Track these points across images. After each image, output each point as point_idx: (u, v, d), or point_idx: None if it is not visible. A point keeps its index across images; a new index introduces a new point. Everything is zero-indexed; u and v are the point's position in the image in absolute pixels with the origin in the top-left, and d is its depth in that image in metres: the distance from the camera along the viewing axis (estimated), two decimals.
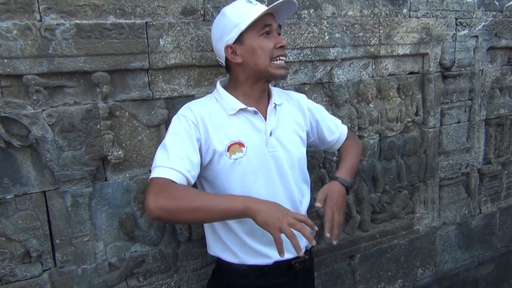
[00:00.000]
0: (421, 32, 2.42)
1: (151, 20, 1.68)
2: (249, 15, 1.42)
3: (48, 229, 1.65)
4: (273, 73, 1.49)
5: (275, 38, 1.47)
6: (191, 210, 1.27)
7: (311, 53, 2.08)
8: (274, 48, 1.46)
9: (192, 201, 1.27)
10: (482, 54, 2.75)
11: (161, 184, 1.31)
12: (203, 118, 1.46)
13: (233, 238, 1.51)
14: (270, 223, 1.23)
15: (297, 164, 1.61)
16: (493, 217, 3.16)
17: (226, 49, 1.48)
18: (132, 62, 1.65)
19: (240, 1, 1.49)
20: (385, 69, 2.40)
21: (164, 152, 1.38)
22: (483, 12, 2.69)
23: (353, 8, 2.20)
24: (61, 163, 1.59)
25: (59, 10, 1.51)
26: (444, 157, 2.75)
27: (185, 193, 1.30)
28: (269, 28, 1.46)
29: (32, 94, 1.51)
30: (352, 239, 2.44)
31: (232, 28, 1.44)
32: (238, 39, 1.45)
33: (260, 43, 1.45)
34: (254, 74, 1.49)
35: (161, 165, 1.35)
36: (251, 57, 1.46)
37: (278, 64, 1.48)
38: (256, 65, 1.46)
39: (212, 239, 1.58)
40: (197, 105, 1.51)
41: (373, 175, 2.46)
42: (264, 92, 1.57)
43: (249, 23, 1.41)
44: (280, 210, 1.27)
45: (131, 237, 1.79)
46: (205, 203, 1.28)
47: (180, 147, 1.39)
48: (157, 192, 1.29)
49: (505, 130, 3.04)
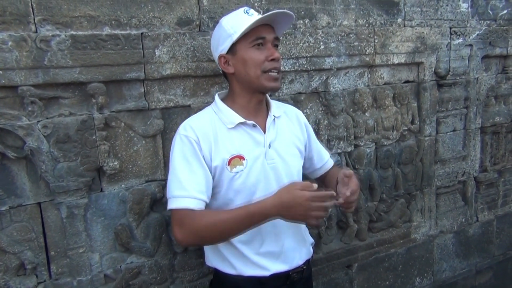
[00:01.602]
0: (416, 41, 2.44)
1: (146, 31, 1.68)
2: (242, 25, 1.41)
3: (43, 241, 1.63)
4: (264, 85, 1.47)
5: (268, 50, 1.45)
6: (216, 236, 1.38)
7: (307, 63, 2.08)
8: (266, 61, 1.44)
9: (215, 228, 1.34)
10: (476, 63, 2.77)
11: (182, 215, 1.37)
12: (203, 133, 1.45)
13: (231, 248, 1.50)
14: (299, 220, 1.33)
15: (296, 176, 1.60)
16: (490, 225, 3.15)
17: (219, 59, 1.49)
18: (127, 72, 1.65)
19: (237, 12, 1.49)
20: (380, 78, 2.41)
21: (176, 182, 1.41)
22: (477, 21, 2.71)
23: (348, 18, 2.21)
24: (56, 174, 1.58)
25: (54, 22, 1.52)
26: (441, 165, 2.75)
27: (206, 221, 1.36)
28: (262, 40, 1.44)
29: (27, 105, 1.51)
30: (349, 248, 2.43)
31: (225, 38, 1.45)
32: (231, 49, 1.45)
33: (251, 55, 1.44)
34: (247, 85, 1.49)
35: (177, 195, 1.39)
36: (243, 68, 1.45)
37: (270, 76, 1.46)
38: (247, 76, 1.46)
39: (209, 249, 1.58)
40: (196, 121, 1.50)
41: (370, 183, 2.46)
42: (261, 104, 1.57)
43: (240, 33, 1.41)
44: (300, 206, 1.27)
45: (127, 248, 1.78)
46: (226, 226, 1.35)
47: (190, 171, 1.41)
48: (181, 224, 1.37)
49: (501, 138, 3.05)
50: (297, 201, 1.26)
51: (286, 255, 1.55)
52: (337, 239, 2.43)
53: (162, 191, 1.80)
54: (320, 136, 2.21)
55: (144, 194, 1.76)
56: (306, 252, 1.65)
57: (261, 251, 1.50)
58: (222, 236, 1.38)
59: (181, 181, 1.38)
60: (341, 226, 2.44)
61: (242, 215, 1.33)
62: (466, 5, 2.64)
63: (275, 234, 1.52)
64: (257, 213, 1.31)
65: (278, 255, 1.53)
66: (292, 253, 1.58)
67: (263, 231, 1.49)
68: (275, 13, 1.44)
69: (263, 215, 1.32)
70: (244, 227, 1.35)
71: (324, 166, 1.83)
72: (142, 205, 1.76)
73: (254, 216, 1.32)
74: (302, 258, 1.63)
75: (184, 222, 1.36)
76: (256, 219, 1.33)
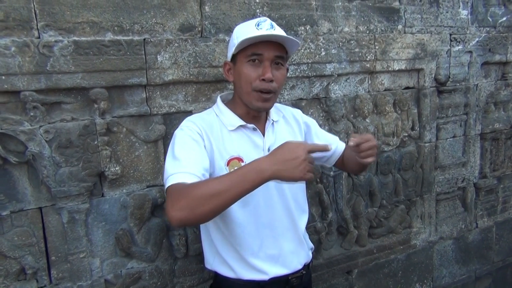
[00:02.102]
0: (416, 48, 2.45)
1: (149, 36, 1.69)
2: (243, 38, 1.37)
3: (44, 245, 1.64)
4: (252, 103, 1.44)
5: (263, 69, 1.40)
6: (208, 200, 1.19)
7: (308, 69, 2.09)
8: (257, 79, 1.40)
9: (206, 190, 1.20)
10: (476, 69, 2.78)
11: (176, 189, 1.25)
12: (205, 130, 1.44)
13: (230, 251, 1.50)
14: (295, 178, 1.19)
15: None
16: (489, 231, 3.16)
17: (224, 65, 1.50)
18: (130, 78, 1.66)
19: (250, 22, 1.45)
20: (381, 84, 2.41)
21: (175, 161, 1.32)
22: (476, 28, 2.73)
23: (349, 25, 2.22)
24: (58, 179, 1.58)
25: (57, 27, 1.53)
26: (440, 171, 2.76)
27: (197, 186, 1.23)
28: (257, 56, 1.40)
29: (30, 110, 1.51)
30: (349, 254, 2.43)
31: (231, 47, 1.44)
32: (233, 59, 1.46)
33: (244, 69, 1.41)
34: (240, 96, 1.48)
35: (174, 172, 1.29)
36: (237, 80, 1.45)
37: (260, 95, 1.42)
38: (240, 88, 1.46)
39: (209, 252, 1.57)
40: (198, 118, 1.49)
41: (370, 189, 2.46)
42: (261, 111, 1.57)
43: (236, 46, 1.39)
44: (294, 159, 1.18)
45: (128, 253, 1.78)
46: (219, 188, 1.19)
47: (190, 152, 1.35)
48: (174, 198, 1.22)
49: (500, 144, 3.06)
50: (292, 151, 1.19)
51: (284, 258, 1.55)
52: (337, 245, 2.43)
53: (163, 196, 1.80)
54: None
55: (145, 199, 1.76)
56: (304, 256, 1.65)
57: (259, 254, 1.50)
58: (215, 202, 1.19)
59: (180, 160, 1.31)
60: (341, 232, 2.44)
61: (236, 175, 1.22)
62: (466, 12, 2.65)
63: (273, 237, 1.52)
64: (252, 170, 1.20)
65: (277, 258, 1.53)
66: (291, 256, 1.58)
67: (261, 234, 1.49)
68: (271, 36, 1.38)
69: (258, 172, 1.19)
70: (239, 188, 1.19)
71: (336, 152, 1.77)
72: (143, 210, 1.76)
73: (248, 174, 1.20)
74: (301, 262, 1.62)
75: (177, 196, 1.21)
76: (250, 178, 1.19)
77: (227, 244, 1.50)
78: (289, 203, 1.56)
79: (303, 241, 1.65)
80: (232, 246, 1.49)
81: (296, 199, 1.61)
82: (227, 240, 1.49)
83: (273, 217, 1.51)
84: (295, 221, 1.59)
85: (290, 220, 1.57)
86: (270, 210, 1.49)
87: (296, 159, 1.17)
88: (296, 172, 1.18)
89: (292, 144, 1.21)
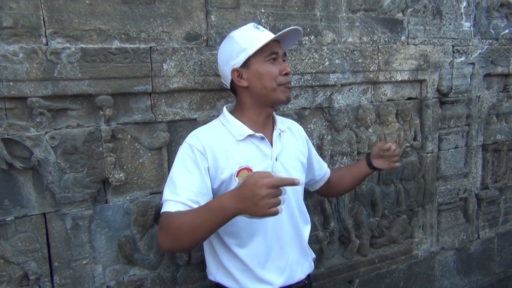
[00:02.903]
0: (419, 59, 2.47)
1: (155, 45, 1.71)
2: (257, 40, 1.45)
3: (47, 251, 1.64)
4: (280, 97, 1.51)
5: (280, 65, 1.50)
6: (184, 236, 1.30)
7: (312, 79, 2.11)
8: (279, 75, 1.49)
9: (181, 227, 1.29)
10: (478, 81, 2.79)
11: (163, 218, 1.36)
12: (211, 145, 1.45)
13: (236, 262, 1.50)
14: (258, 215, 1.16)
15: (300, 189, 1.62)
16: (491, 243, 3.15)
17: (232, 72, 1.50)
18: (135, 85, 1.67)
19: (247, 27, 1.53)
20: (384, 94, 2.43)
21: (171, 185, 1.40)
22: (479, 40, 2.75)
23: (352, 35, 2.24)
24: (63, 185, 1.59)
25: (65, 35, 1.54)
26: (442, 182, 2.76)
27: (176, 221, 1.31)
28: (275, 55, 1.49)
29: (36, 116, 1.53)
30: (351, 263, 2.42)
31: (239, 52, 1.47)
32: (245, 63, 1.47)
33: (266, 68, 1.47)
34: (260, 99, 1.51)
35: (167, 199, 1.38)
36: (258, 81, 1.48)
37: (284, 88, 1.51)
38: (263, 89, 1.48)
39: (212, 264, 1.57)
40: (204, 132, 1.51)
41: (372, 199, 2.47)
42: (269, 118, 1.59)
43: (257, 48, 1.44)
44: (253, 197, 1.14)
45: (130, 260, 1.78)
46: (191, 225, 1.27)
47: (187, 178, 1.40)
48: (161, 227, 1.36)
49: (502, 155, 3.07)
50: (250, 188, 1.15)
51: (290, 269, 1.55)
52: (339, 254, 2.43)
53: None
54: (323, 151, 2.22)
55: (149, 206, 1.77)
56: (308, 266, 1.66)
57: (266, 265, 1.50)
58: (189, 236, 1.28)
59: (176, 186, 1.38)
60: (343, 241, 2.44)
61: (203, 212, 1.27)
62: (468, 24, 2.68)
63: (280, 247, 1.52)
64: (217, 208, 1.23)
65: (284, 269, 1.53)
66: (296, 266, 1.58)
67: (269, 244, 1.49)
68: (290, 30, 1.49)
69: (222, 210, 1.21)
70: (208, 225, 1.25)
71: (324, 177, 1.89)
72: (146, 217, 1.77)
73: (214, 211, 1.23)
74: (305, 272, 1.63)
75: (163, 225, 1.35)
76: (217, 215, 1.23)
77: (232, 256, 1.50)
78: (295, 213, 1.57)
79: (307, 251, 1.66)
80: (238, 258, 1.49)
81: (300, 209, 1.62)
82: (233, 251, 1.49)
83: (280, 227, 1.52)
84: (300, 231, 1.59)
85: (295, 230, 1.58)
86: (277, 220, 1.49)
87: (255, 197, 1.13)
88: (257, 209, 1.14)
89: (252, 180, 1.16)
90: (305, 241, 1.65)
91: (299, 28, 1.53)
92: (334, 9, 2.16)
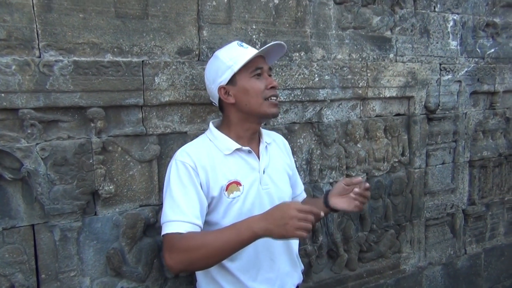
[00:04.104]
0: (407, 76, 2.52)
1: (147, 58, 1.73)
2: (241, 57, 1.48)
3: (34, 263, 1.63)
4: (266, 112, 1.53)
5: (266, 79, 1.53)
6: (205, 257, 1.31)
7: (302, 94, 2.14)
8: (265, 89, 1.51)
9: (203, 247, 1.29)
10: (465, 98, 2.85)
11: (173, 239, 1.34)
12: (201, 161, 1.47)
13: (227, 276, 1.50)
14: (286, 235, 1.24)
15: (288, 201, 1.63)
16: (478, 258, 3.18)
17: (219, 90, 1.53)
18: (127, 98, 1.69)
19: (232, 45, 1.56)
20: (372, 110, 2.47)
21: (173, 206, 1.39)
22: (465, 58, 2.81)
23: (342, 52, 2.28)
24: (52, 197, 1.59)
25: (58, 47, 1.56)
26: (430, 197, 2.80)
27: (194, 241, 1.32)
28: (260, 70, 1.52)
29: (27, 127, 1.53)
30: (339, 278, 2.43)
31: (225, 70, 1.50)
32: (231, 80, 1.50)
33: (252, 84, 1.50)
34: (247, 114, 1.53)
35: (172, 219, 1.37)
36: (244, 97, 1.50)
37: (271, 102, 1.53)
38: (248, 105, 1.51)
39: (203, 279, 1.56)
40: (193, 148, 1.52)
41: (361, 214, 2.49)
42: (256, 133, 1.62)
43: (241, 65, 1.47)
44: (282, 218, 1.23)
45: (118, 272, 1.77)
46: (215, 246, 1.29)
47: (188, 196, 1.41)
48: (171, 249, 1.33)
49: (489, 172, 3.11)
50: (282, 209, 1.24)
51: (281, 281, 1.56)
52: (327, 269, 2.44)
53: (155, 216, 1.81)
54: (313, 166, 2.25)
55: (138, 219, 1.77)
56: (297, 277, 1.67)
57: (258, 278, 1.51)
58: (211, 257, 1.31)
59: (180, 206, 1.38)
60: (331, 256, 2.45)
61: (229, 232, 1.30)
62: (455, 43, 2.74)
63: (271, 259, 1.54)
64: (244, 228, 1.28)
65: (274, 281, 1.54)
66: (286, 278, 1.59)
67: (260, 257, 1.51)
68: (272, 45, 1.53)
69: (250, 230, 1.27)
70: (233, 245, 1.29)
71: (300, 195, 1.86)
72: (135, 230, 1.77)
73: (241, 231, 1.28)
74: (294, 283, 1.64)
75: (173, 246, 1.33)
76: (243, 235, 1.27)
77: (223, 269, 1.50)
78: None
79: (297, 263, 1.67)
80: (230, 271, 1.50)
81: None
82: (224, 266, 1.49)
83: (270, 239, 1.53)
84: (289, 243, 1.60)
85: (285, 242, 1.59)
86: None
87: (285, 218, 1.22)
88: (286, 229, 1.22)
89: (283, 203, 1.28)
90: (295, 252, 1.66)
91: (282, 43, 1.57)
92: (324, 26, 2.21)
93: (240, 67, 1.47)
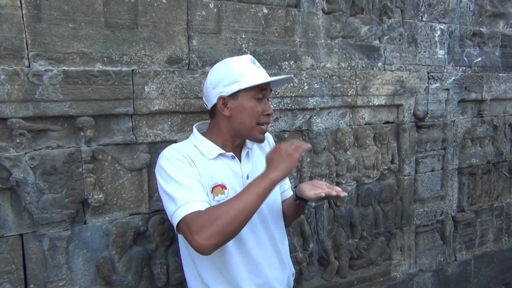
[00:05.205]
0: (395, 85, 2.55)
1: (137, 68, 1.74)
2: (251, 76, 1.47)
3: (23, 273, 1.62)
4: (255, 136, 1.54)
5: (265, 105, 1.52)
6: (236, 217, 1.28)
7: (291, 102, 2.16)
8: (261, 114, 1.51)
9: (230, 211, 1.29)
10: (453, 106, 2.89)
11: (196, 219, 1.30)
12: (190, 157, 1.47)
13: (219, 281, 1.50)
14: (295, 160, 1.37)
15: (274, 205, 1.63)
16: (468, 265, 3.20)
17: (218, 99, 1.50)
18: (117, 107, 1.70)
19: (245, 58, 1.53)
20: (361, 118, 2.49)
21: (181, 189, 1.37)
22: (453, 67, 2.86)
23: (331, 61, 2.31)
24: (41, 206, 1.59)
25: (47, 57, 1.57)
26: (420, 204, 2.82)
27: (219, 209, 1.30)
28: (263, 94, 1.51)
29: (16, 137, 1.53)
30: (330, 285, 2.44)
31: (231, 82, 1.48)
32: (233, 94, 1.49)
33: (252, 105, 1.49)
34: (236, 131, 1.53)
35: (185, 202, 1.34)
36: (240, 115, 1.50)
37: (262, 129, 1.53)
38: (241, 124, 1.51)
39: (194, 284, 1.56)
40: (179, 147, 1.52)
41: (351, 221, 2.50)
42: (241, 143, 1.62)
43: (250, 85, 1.46)
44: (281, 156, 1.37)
45: (108, 282, 1.77)
46: (241, 204, 1.30)
47: (191, 180, 1.40)
48: (198, 227, 1.28)
49: (477, 179, 3.15)
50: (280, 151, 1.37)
51: (270, 285, 1.57)
52: (318, 276, 2.44)
53: (145, 225, 1.81)
54: (302, 173, 2.26)
55: (128, 227, 1.77)
56: (287, 281, 1.67)
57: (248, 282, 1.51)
58: (242, 216, 1.30)
59: (190, 188, 1.37)
60: (322, 263, 2.46)
61: (249, 190, 1.33)
62: (443, 52, 2.78)
63: (259, 263, 1.53)
64: (261, 180, 1.35)
65: (263, 286, 1.55)
66: (275, 283, 1.59)
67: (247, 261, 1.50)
68: (284, 78, 1.57)
69: (267, 180, 1.34)
70: (256, 199, 1.32)
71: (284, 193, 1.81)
72: (125, 238, 1.77)
73: (259, 185, 1.34)
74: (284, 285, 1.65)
75: (199, 223, 1.28)
76: (263, 186, 1.33)
77: (214, 274, 1.50)
78: (271, 229, 1.59)
79: (286, 266, 1.67)
80: (222, 276, 1.50)
81: (276, 222, 1.63)
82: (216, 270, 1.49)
83: (257, 242, 1.53)
84: (277, 246, 1.61)
85: (273, 245, 1.59)
86: (254, 235, 1.52)
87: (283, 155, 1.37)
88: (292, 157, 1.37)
89: (275, 149, 1.41)
90: (284, 255, 1.66)
91: (293, 76, 1.61)
92: (313, 35, 2.23)
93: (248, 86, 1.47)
